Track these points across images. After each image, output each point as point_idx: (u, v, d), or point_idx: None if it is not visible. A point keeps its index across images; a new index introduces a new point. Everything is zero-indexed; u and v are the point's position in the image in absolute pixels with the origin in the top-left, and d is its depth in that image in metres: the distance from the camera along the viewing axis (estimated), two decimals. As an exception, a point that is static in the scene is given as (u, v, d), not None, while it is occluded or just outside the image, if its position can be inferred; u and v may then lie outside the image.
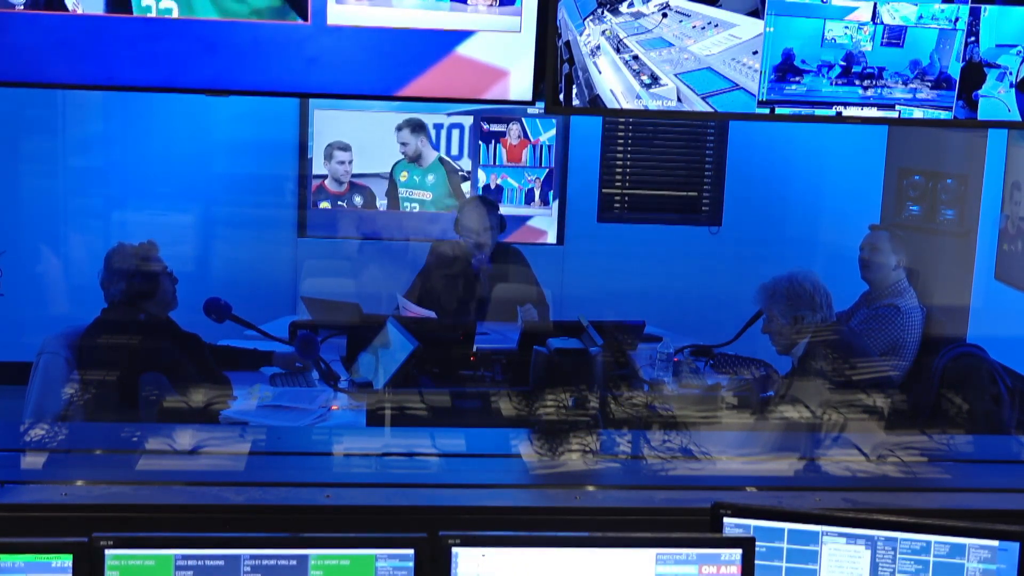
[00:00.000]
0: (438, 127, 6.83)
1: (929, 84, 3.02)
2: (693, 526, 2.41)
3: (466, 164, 6.88)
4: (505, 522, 2.66)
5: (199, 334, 4.36)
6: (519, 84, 2.95)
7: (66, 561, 2.11)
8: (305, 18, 2.84)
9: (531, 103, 2.99)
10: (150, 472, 2.92)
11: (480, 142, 6.88)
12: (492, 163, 6.89)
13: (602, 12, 2.91)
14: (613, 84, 2.95)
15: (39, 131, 6.58)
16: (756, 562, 2.24)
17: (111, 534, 2.13)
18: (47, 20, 2.79)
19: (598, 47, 2.92)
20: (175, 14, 2.81)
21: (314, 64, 2.89)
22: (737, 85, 2.97)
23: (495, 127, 6.88)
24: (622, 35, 2.92)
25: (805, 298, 4.04)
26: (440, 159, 6.80)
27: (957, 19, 2.98)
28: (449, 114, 6.80)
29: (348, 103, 6.19)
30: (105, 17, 2.80)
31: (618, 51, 2.93)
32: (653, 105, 2.98)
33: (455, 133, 6.84)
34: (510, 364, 4.40)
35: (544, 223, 6.98)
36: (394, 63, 2.92)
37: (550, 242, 6.97)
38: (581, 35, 2.91)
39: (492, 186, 6.90)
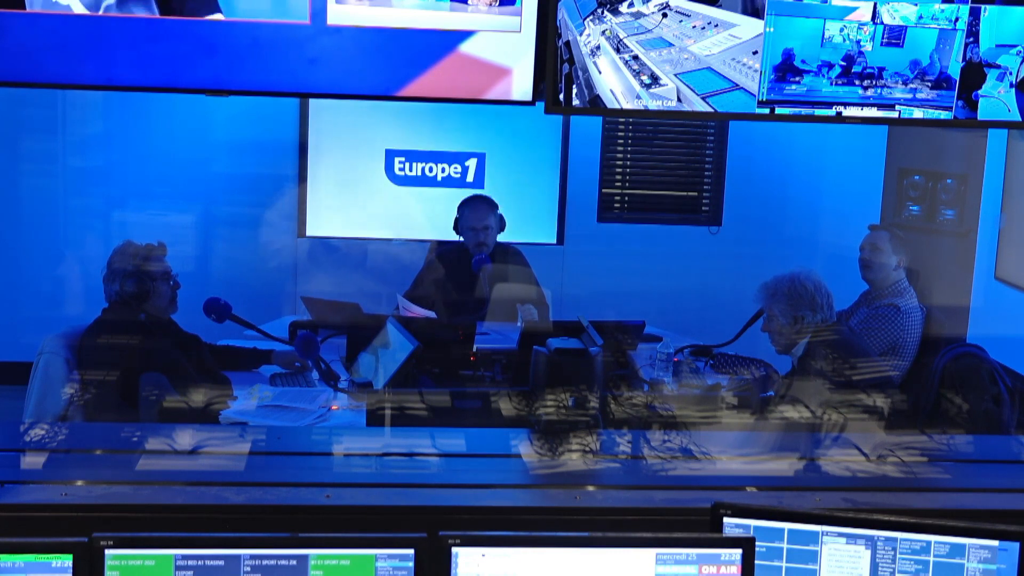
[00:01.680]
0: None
1: (929, 84, 3.02)
2: (693, 526, 2.41)
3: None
4: (505, 522, 2.66)
5: (199, 334, 4.36)
6: (519, 84, 2.95)
7: (66, 561, 2.11)
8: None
9: (531, 103, 2.99)
10: (150, 472, 2.92)
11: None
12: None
13: (602, 12, 2.91)
14: (613, 84, 2.95)
15: (39, 131, 6.58)
16: (756, 562, 2.24)
17: (111, 534, 2.13)
18: (47, 20, 2.79)
19: (598, 47, 2.92)
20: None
21: (314, 64, 2.89)
22: (737, 85, 2.98)
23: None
24: (622, 35, 2.92)
25: (806, 298, 4.04)
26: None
27: (957, 19, 2.98)
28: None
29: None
30: (105, 17, 2.80)
31: (618, 51, 2.93)
32: (653, 105, 2.98)
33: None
34: (510, 364, 4.39)
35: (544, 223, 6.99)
36: (394, 63, 2.92)
37: (550, 242, 6.97)
38: (581, 35, 2.91)
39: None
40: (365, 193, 6.86)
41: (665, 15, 2.93)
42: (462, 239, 5.42)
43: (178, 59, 2.85)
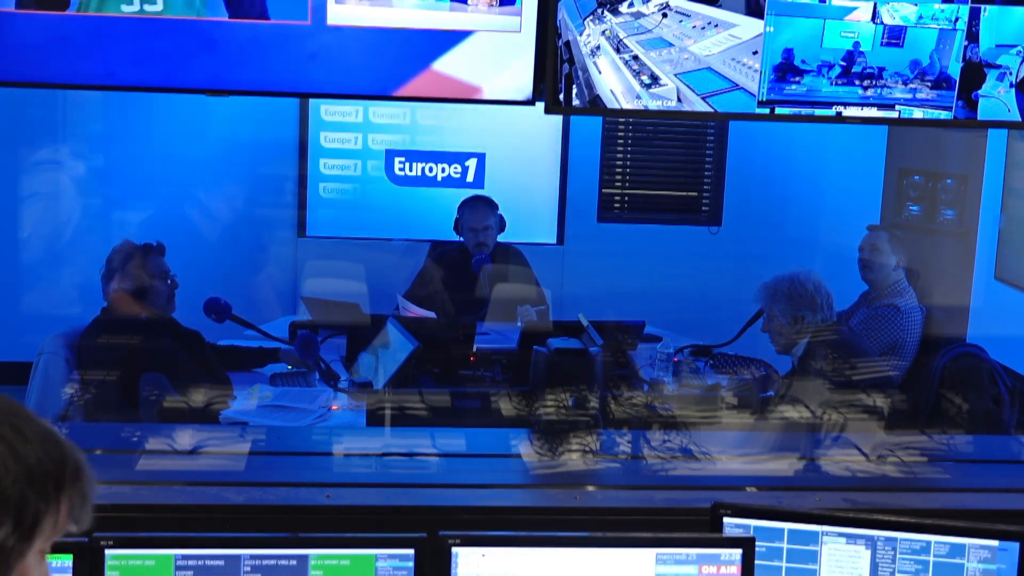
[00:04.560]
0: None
1: (929, 84, 3.02)
2: (693, 526, 2.41)
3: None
4: (505, 522, 2.66)
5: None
6: (519, 83, 2.95)
7: (66, 561, 2.11)
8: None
9: (531, 103, 2.99)
10: (150, 472, 2.92)
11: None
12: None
13: (602, 12, 2.91)
14: (613, 84, 2.95)
15: (39, 131, 6.58)
16: (756, 562, 2.24)
17: (111, 534, 2.13)
18: (47, 20, 2.79)
19: (598, 47, 2.92)
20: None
21: (314, 64, 2.89)
22: (737, 85, 2.98)
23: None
24: (622, 35, 2.92)
25: (806, 298, 4.04)
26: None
27: (957, 19, 2.98)
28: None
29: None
30: (105, 17, 2.80)
31: (618, 51, 2.93)
32: (653, 105, 2.98)
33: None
34: (510, 364, 4.39)
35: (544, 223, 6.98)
36: (394, 63, 2.92)
37: (550, 242, 6.97)
38: (581, 35, 2.91)
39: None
40: (365, 193, 6.85)
41: (665, 15, 2.93)
42: (462, 239, 5.42)
43: (178, 59, 2.85)
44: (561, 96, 2.94)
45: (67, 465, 1.40)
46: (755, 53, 2.96)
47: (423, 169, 6.84)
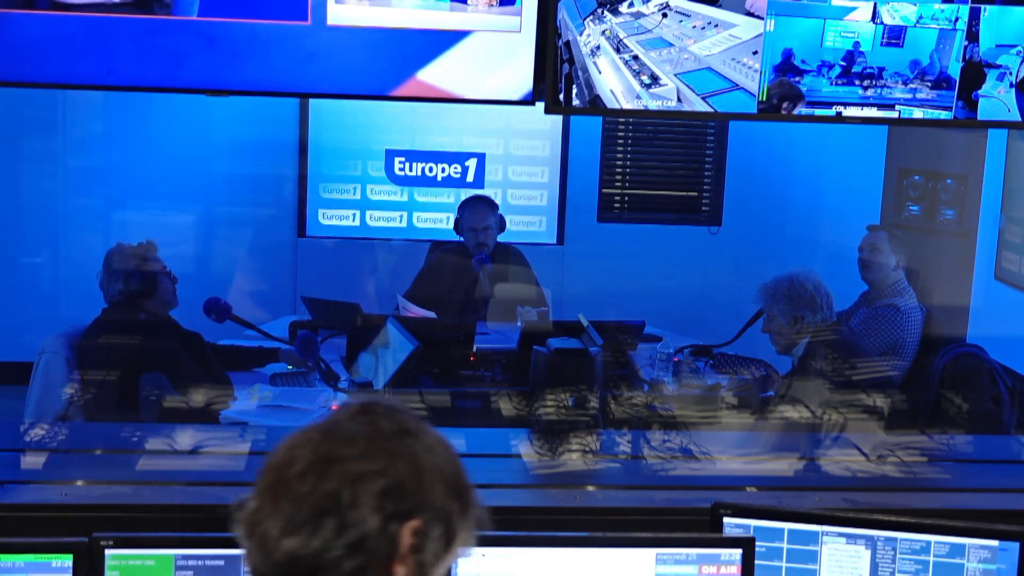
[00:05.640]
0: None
1: (929, 84, 3.02)
2: (693, 526, 2.41)
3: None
4: (505, 522, 2.65)
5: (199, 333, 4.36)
6: (518, 84, 2.95)
7: (66, 561, 2.11)
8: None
9: (531, 103, 2.99)
10: (150, 472, 2.92)
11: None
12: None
13: (602, 12, 2.91)
14: (613, 84, 2.95)
15: (39, 131, 6.58)
16: (756, 562, 2.24)
17: (111, 534, 2.13)
18: (47, 19, 2.79)
19: (598, 47, 2.92)
20: None
21: (314, 64, 2.89)
22: (737, 85, 2.98)
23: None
24: (622, 35, 2.92)
25: (806, 298, 4.04)
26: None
27: (957, 19, 2.98)
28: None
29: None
30: (105, 17, 2.80)
31: (618, 51, 2.93)
32: (653, 105, 2.98)
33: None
34: (510, 364, 4.39)
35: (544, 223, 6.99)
36: (394, 63, 2.92)
37: (550, 242, 6.97)
38: (581, 35, 2.91)
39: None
40: (365, 193, 6.86)
41: (665, 15, 2.93)
42: (462, 239, 5.42)
43: (178, 59, 2.85)
44: (561, 96, 2.94)
45: (470, 488, 1.49)
46: (755, 53, 2.96)
47: (423, 169, 6.84)
